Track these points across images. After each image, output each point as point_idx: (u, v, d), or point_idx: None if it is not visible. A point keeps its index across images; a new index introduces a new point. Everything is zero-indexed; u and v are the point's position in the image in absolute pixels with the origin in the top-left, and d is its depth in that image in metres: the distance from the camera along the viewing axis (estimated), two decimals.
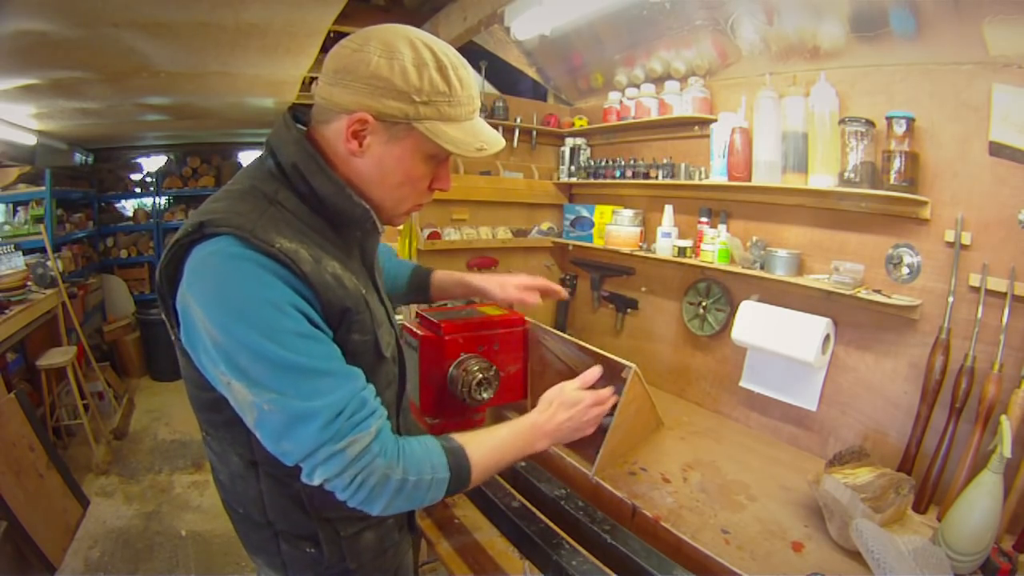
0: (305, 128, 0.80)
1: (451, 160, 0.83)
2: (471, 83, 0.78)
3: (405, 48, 0.72)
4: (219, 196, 0.76)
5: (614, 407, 1.32)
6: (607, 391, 1.00)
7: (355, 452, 0.68)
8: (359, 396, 0.71)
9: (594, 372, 1.01)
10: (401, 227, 2.13)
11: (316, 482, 0.69)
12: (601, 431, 1.38)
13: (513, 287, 1.24)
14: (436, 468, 0.74)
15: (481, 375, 1.29)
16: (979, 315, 1.21)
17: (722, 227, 1.73)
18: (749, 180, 1.62)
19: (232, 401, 0.70)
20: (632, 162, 2.04)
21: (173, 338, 0.76)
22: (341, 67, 0.73)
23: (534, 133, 2.35)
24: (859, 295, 1.36)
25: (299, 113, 0.83)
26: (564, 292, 1.31)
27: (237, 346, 0.66)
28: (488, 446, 0.82)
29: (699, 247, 1.77)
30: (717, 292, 1.81)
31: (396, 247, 2.17)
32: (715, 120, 1.74)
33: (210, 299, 0.67)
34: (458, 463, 0.76)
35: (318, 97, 0.77)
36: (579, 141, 2.31)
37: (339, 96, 0.73)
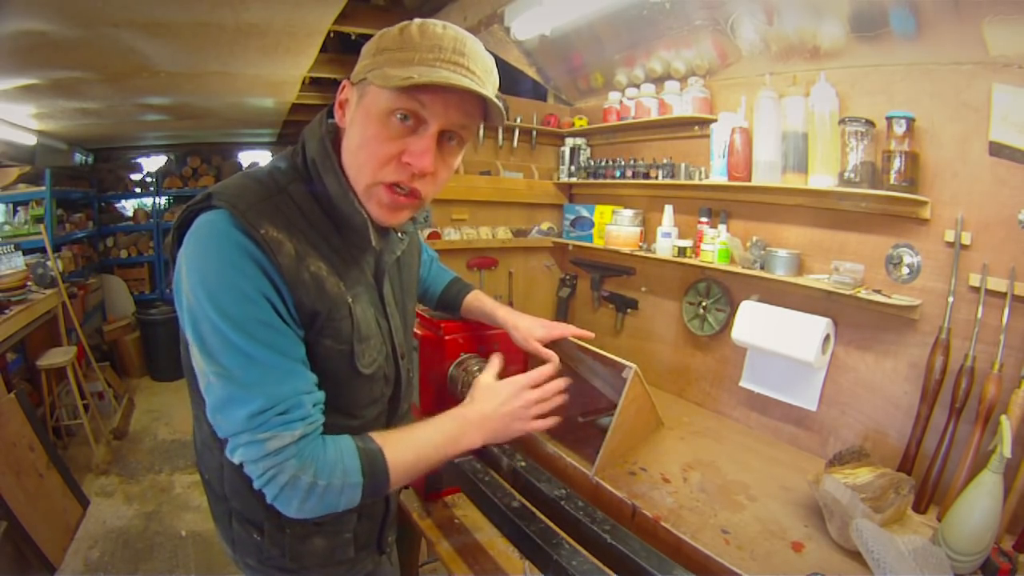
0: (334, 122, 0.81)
1: (435, 139, 0.74)
2: (439, 36, 0.72)
3: (403, 25, 0.74)
4: (240, 174, 0.79)
5: (614, 409, 1.32)
6: (544, 369, 0.89)
7: (273, 447, 0.69)
8: (297, 397, 0.71)
9: (495, 359, 0.91)
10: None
11: (236, 461, 0.71)
12: (601, 431, 1.38)
13: (536, 340, 1.17)
14: (348, 472, 0.72)
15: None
16: (979, 315, 1.21)
17: (722, 227, 1.73)
18: (749, 180, 1.62)
19: (193, 364, 0.73)
20: (632, 162, 2.04)
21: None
22: None
23: (534, 133, 2.35)
24: (859, 295, 1.36)
25: None
26: (590, 335, 1.26)
27: (202, 315, 0.69)
28: (408, 447, 0.77)
29: (699, 247, 1.77)
30: (717, 292, 1.81)
31: None
32: (715, 120, 1.74)
33: (192, 266, 0.70)
34: (373, 467, 0.73)
35: None
36: (579, 141, 2.31)
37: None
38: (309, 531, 0.86)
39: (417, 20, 0.74)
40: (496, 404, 0.85)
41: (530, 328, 1.19)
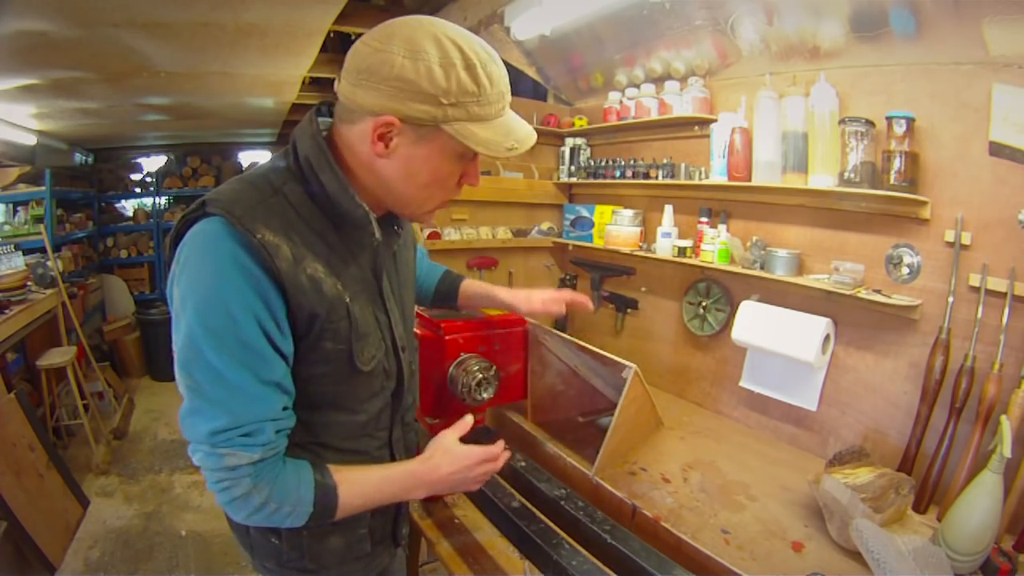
0: (330, 122, 0.81)
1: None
2: (501, 78, 0.75)
3: (431, 47, 0.69)
4: (234, 179, 0.79)
5: (614, 409, 1.32)
6: (498, 447, 0.93)
7: (230, 464, 0.70)
8: (261, 424, 0.72)
9: (465, 421, 0.94)
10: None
11: (195, 463, 0.72)
12: (601, 431, 1.38)
13: (539, 300, 1.26)
14: (300, 502, 0.75)
15: (481, 375, 1.29)
16: (979, 315, 1.21)
17: (722, 227, 1.73)
18: (749, 180, 1.62)
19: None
20: (632, 162, 2.04)
21: None
22: (364, 67, 0.70)
23: None
24: (859, 295, 1.36)
25: (333, 107, 0.82)
26: (591, 304, 1.32)
27: (186, 325, 0.70)
28: (361, 490, 0.82)
29: (699, 247, 1.77)
30: (717, 292, 1.81)
31: None
32: (715, 120, 1.74)
33: (184, 278, 0.71)
34: (324, 502, 0.77)
35: (340, 96, 0.75)
36: (579, 141, 2.31)
37: (362, 97, 0.71)
38: (326, 530, 0.87)
39: (475, 55, 0.71)
40: (451, 470, 0.88)
41: (530, 294, 1.28)
